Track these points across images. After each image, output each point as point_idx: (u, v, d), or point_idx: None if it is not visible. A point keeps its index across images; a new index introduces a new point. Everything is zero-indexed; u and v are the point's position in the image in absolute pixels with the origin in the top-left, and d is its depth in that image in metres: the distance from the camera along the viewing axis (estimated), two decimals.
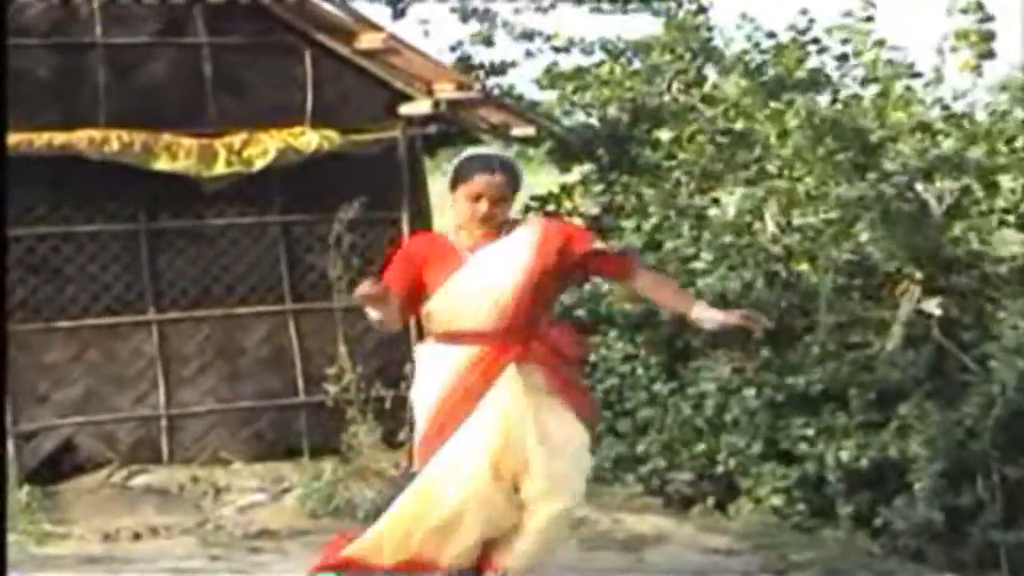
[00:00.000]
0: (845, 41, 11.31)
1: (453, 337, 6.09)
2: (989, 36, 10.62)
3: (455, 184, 6.15)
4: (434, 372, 6.13)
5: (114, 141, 9.90)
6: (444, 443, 6.02)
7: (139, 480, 9.82)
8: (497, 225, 6.13)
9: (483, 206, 6.05)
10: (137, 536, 8.59)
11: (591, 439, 6.29)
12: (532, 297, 6.07)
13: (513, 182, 6.16)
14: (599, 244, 6.31)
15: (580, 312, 10.72)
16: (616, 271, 6.37)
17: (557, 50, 12.80)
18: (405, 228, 10.80)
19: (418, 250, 6.33)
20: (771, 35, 12.17)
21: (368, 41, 10.67)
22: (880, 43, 11.13)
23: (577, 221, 11.92)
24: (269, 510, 9.36)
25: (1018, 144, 10.51)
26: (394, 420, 10.04)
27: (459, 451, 6.00)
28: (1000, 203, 10.54)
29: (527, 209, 12.11)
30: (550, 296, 6.25)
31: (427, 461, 6.08)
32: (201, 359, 10.50)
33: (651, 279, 6.47)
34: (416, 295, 6.16)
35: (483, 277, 6.07)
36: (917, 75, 11.03)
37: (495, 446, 5.99)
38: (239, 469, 10.17)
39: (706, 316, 6.14)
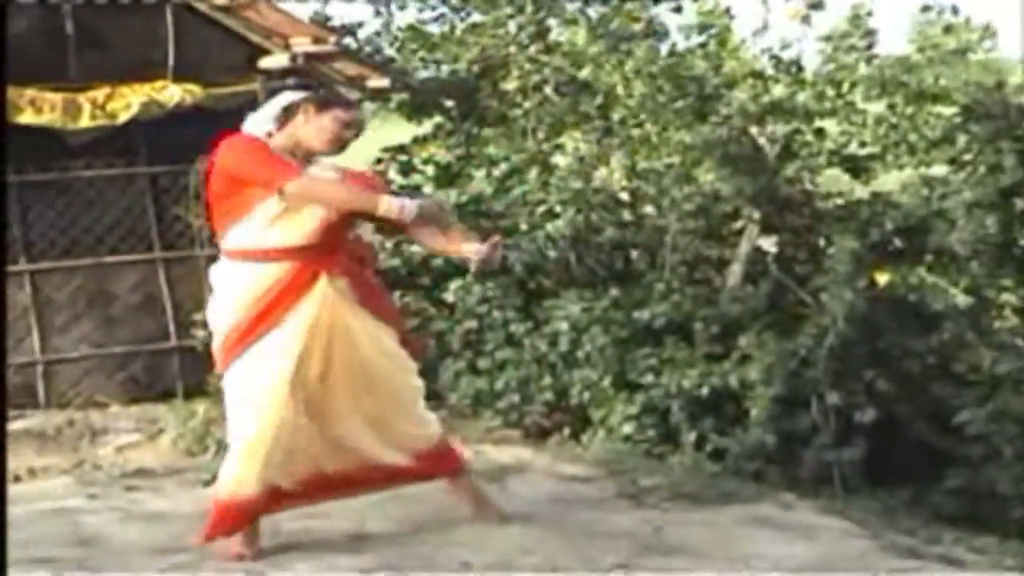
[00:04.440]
0: None
1: (255, 255, 6.17)
2: None
3: (328, 105, 6.28)
4: (240, 289, 6.19)
5: None
6: (246, 351, 6.17)
7: (18, 424, 9.89)
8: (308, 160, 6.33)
9: (349, 135, 6.31)
10: (17, 478, 8.58)
11: (413, 359, 6.61)
12: (340, 222, 6.32)
13: None
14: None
15: (439, 262, 11.05)
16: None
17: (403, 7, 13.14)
18: None
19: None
20: None
21: None
22: None
23: (430, 170, 12.32)
24: (144, 450, 9.40)
25: (843, 89, 10.95)
26: None
27: (265, 364, 6.16)
28: (828, 145, 10.96)
29: (379, 160, 12.41)
30: (352, 220, 6.44)
31: (227, 368, 6.24)
32: (74, 307, 10.75)
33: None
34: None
35: None
36: (728, 11, 11.36)
37: (302, 354, 6.20)
38: (115, 411, 10.35)
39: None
